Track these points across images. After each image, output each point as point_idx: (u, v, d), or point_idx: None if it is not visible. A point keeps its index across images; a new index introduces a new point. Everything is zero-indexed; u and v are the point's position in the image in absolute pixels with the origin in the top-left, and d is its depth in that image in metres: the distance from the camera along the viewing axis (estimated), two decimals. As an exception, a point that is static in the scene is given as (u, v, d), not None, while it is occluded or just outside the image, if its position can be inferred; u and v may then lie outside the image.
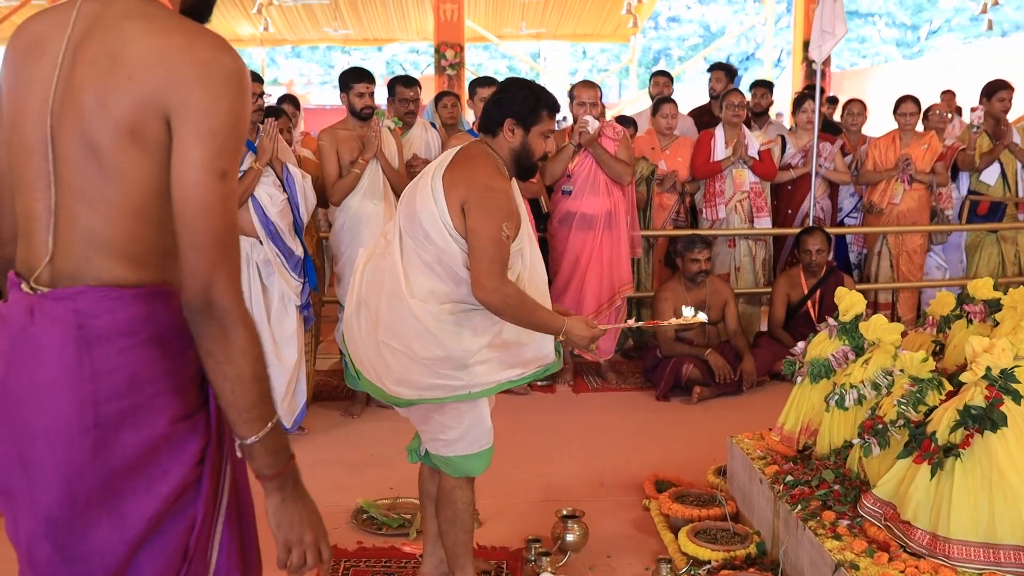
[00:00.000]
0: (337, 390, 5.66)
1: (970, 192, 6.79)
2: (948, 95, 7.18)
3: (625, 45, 22.62)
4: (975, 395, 2.63)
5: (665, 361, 5.57)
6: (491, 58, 31.59)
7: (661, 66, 32.85)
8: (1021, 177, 6.70)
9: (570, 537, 3.48)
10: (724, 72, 7.37)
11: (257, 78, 4.61)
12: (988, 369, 2.63)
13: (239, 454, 1.50)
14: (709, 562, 3.27)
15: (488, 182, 2.72)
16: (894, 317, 6.32)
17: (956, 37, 30.11)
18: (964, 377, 2.68)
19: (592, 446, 4.73)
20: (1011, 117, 6.81)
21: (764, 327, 6.48)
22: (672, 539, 3.52)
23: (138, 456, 1.44)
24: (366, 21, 17.74)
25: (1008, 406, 2.60)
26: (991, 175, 6.72)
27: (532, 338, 2.88)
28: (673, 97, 6.74)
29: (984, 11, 13.57)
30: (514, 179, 2.92)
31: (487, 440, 2.98)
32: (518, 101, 2.81)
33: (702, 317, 3.06)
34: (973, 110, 6.41)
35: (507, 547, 3.57)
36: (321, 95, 30.64)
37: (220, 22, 16.02)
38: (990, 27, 14.02)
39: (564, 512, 3.56)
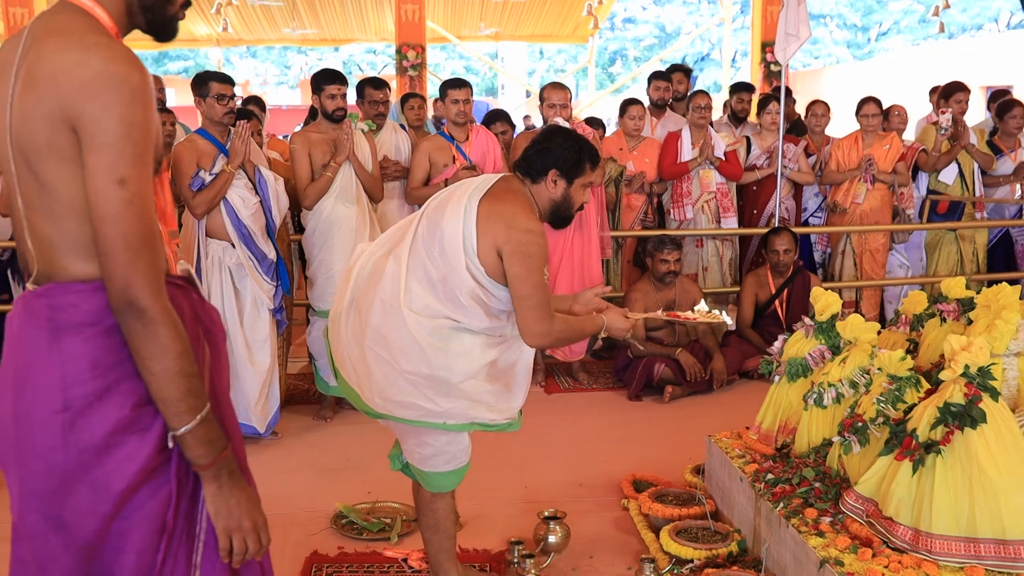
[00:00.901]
0: (308, 394, 5.62)
1: (929, 192, 6.93)
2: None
3: (583, 46, 22.72)
4: (954, 393, 2.69)
5: (636, 361, 5.61)
6: (449, 58, 31.56)
7: (617, 67, 33.09)
8: (978, 177, 6.85)
9: (552, 538, 3.49)
10: (684, 74, 7.41)
11: (227, 80, 4.56)
12: (967, 367, 2.69)
13: (170, 444, 1.58)
14: (692, 561, 3.30)
15: (527, 224, 2.68)
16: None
17: (905, 39, 30.68)
18: (943, 375, 2.73)
19: (568, 447, 4.75)
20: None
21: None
22: (653, 539, 3.54)
23: (104, 437, 1.54)
24: (324, 21, 17.63)
25: (986, 403, 2.66)
26: (949, 175, 6.86)
27: (515, 384, 2.88)
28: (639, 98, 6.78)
29: (936, 14, 13.82)
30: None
31: (464, 458, 2.97)
32: (564, 152, 2.79)
33: (727, 319, 3.08)
34: (942, 112, 6.53)
35: (489, 550, 3.58)
36: (277, 95, 30.40)
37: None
38: (942, 29, 14.28)
39: (546, 513, 3.57)
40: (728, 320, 3.08)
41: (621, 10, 31.45)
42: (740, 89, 7.23)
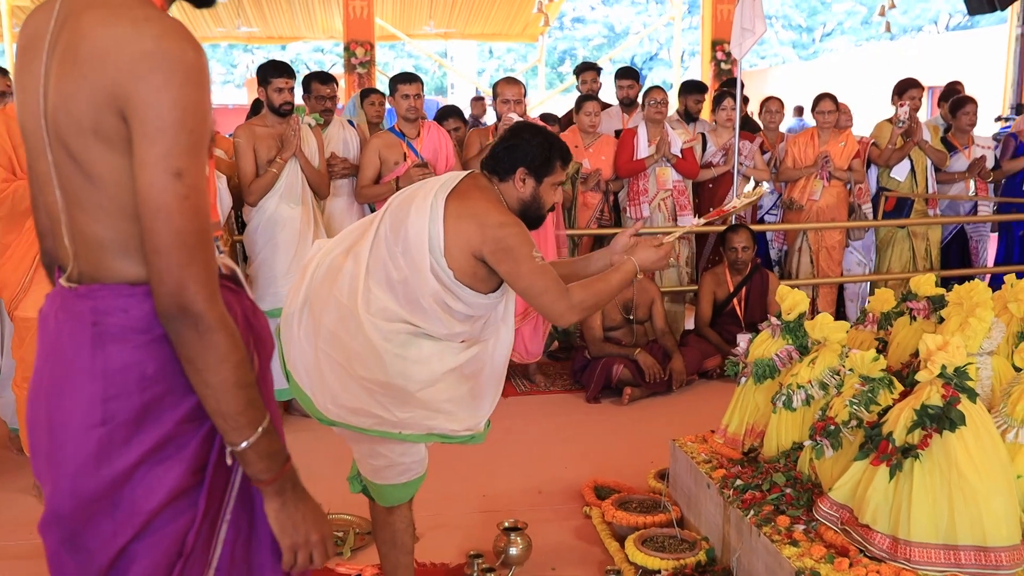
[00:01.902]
0: (255, 400, 5.40)
1: (880, 188, 6.90)
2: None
3: (532, 45, 22.64)
4: (931, 394, 2.58)
5: (595, 362, 5.48)
6: (398, 57, 31.29)
7: (567, 67, 33.05)
8: (931, 173, 6.83)
9: (513, 551, 3.34)
10: (634, 79, 7.30)
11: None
12: (943, 367, 2.59)
13: (229, 461, 1.47)
14: (659, 571, 3.17)
15: (500, 218, 2.53)
16: (814, 313, 6.36)
17: (848, 40, 31.14)
18: (919, 376, 2.63)
19: (526, 452, 4.60)
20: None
21: (689, 325, 6.46)
22: (618, 548, 3.41)
23: (142, 455, 1.42)
24: (271, 19, 17.29)
25: (965, 404, 2.56)
26: (901, 172, 6.83)
27: (481, 392, 2.73)
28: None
29: (882, 14, 13.96)
30: None
31: (419, 470, 2.79)
32: (532, 150, 2.63)
33: (765, 187, 2.91)
34: (900, 105, 6.50)
35: (447, 563, 3.42)
36: (223, 94, 29.84)
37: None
38: (888, 29, 14.44)
39: (506, 524, 3.43)
40: (766, 185, 2.90)
41: (570, 10, 31.45)
42: (694, 90, 7.11)
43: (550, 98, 21.18)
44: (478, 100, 13.25)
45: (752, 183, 2.98)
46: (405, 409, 2.58)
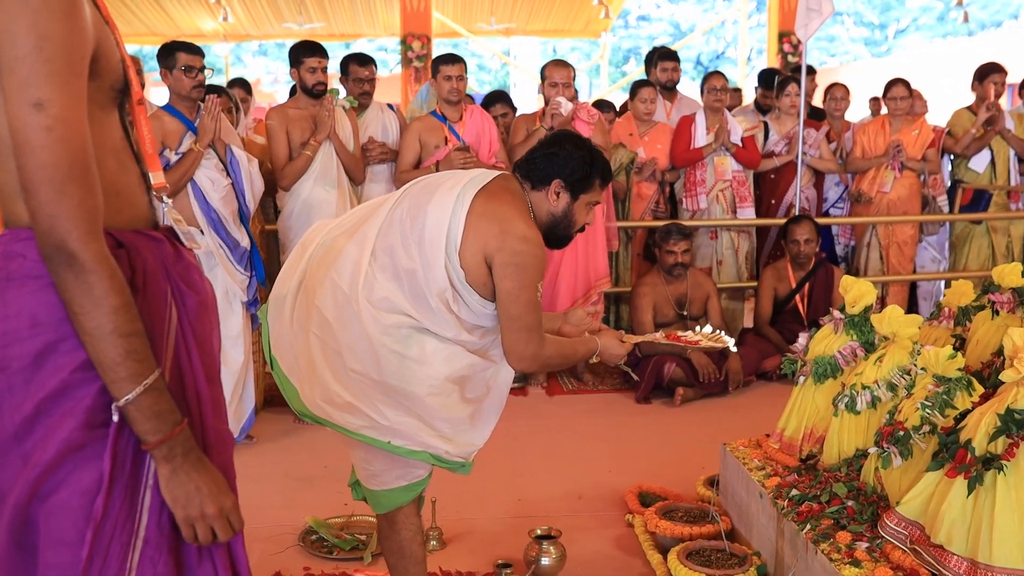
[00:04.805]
0: (291, 395, 5.22)
1: (956, 181, 6.47)
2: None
3: (595, 43, 22.36)
4: (1018, 397, 2.25)
5: (645, 360, 5.19)
6: (460, 56, 31.21)
7: (631, 66, 32.66)
8: (1014, 165, 6.38)
9: (545, 560, 3.08)
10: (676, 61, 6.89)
11: (196, 50, 4.16)
12: (1033, 366, 2.25)
13: (115, 418, 1.37)
14: (704, 588, 2.88)
15: (525, 231, 2.33)
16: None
17: (923, 36, 30.23)
18: (1004, 376, 2.29)
19: (568, 454, 4.33)
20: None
21: (748, 323, 6.13)
22: (660, 561, 3.13)
23: (38, 404, 1.37)
24: (332, 15, 17.26)
25: (1057, 409, 2.22)
26: (980, 163, 6.40)
27: (481, 419, 2.52)
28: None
29: (960, 3, 13.37)
30: None
31: (423, 471, 2.53)
32: (572, 162, 2.44)
33: (730, 343, 2.78)
34: (991, 83, 6.05)
35: (474, 572, 3.17)
36: (287, 94, 30.18)
37: (181, 16, 15.47)
38: (966, 19, 13.81)
39: (539, 532, 3.16)
40: (732, 344, 2.79)
41: (635, 7, 31.05)
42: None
43: (610, 93, 20.87)
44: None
45: (723, 335, 2.81)
46: (398, 413, 2.36)
